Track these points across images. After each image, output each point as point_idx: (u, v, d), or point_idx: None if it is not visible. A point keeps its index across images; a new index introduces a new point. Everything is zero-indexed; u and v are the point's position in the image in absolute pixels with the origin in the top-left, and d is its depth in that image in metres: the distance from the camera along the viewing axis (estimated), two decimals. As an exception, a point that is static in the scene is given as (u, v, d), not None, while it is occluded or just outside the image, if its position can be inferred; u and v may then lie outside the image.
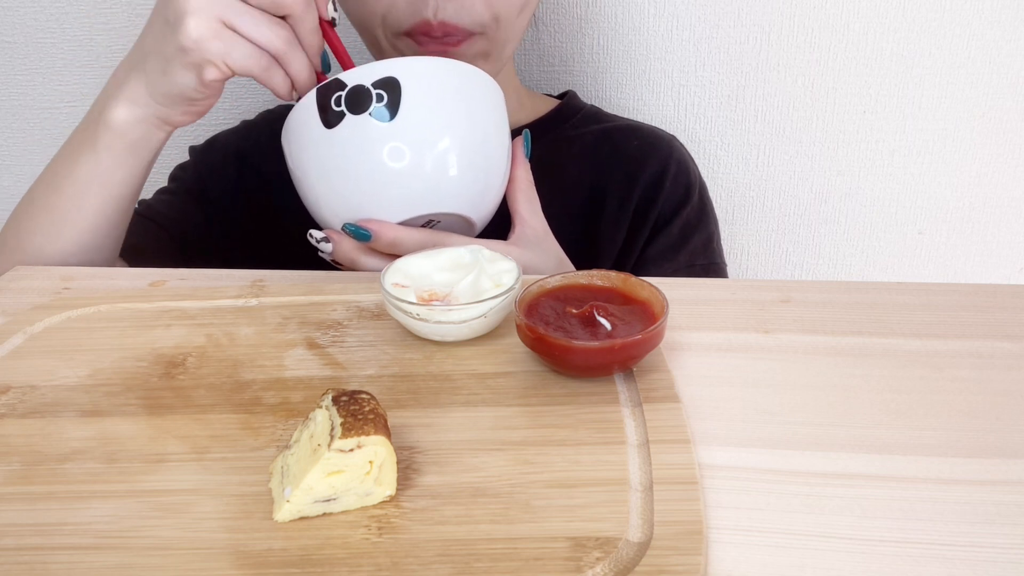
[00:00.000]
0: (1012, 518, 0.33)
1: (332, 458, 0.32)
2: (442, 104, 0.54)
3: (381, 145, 0.52)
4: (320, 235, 0.55)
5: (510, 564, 0.31)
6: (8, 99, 0.94)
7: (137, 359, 0.45)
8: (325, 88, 0.53)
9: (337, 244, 0.54)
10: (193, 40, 0.50)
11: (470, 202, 0.56)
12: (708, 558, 0.32)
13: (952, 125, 0.88)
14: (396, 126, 0.52)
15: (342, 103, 0.52)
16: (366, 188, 0.53)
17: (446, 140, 0.54)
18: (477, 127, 0.55)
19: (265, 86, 0.53)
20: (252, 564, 0.31)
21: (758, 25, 0.85)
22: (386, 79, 0.52)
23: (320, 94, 0.53)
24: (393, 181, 0.52)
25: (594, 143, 0.75)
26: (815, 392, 0.42)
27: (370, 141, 0.52)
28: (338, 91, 0.52)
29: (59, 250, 0.58)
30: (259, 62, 0.51)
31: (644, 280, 0.45)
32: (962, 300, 0.50)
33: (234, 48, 0.51)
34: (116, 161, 0.57)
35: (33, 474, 0.37)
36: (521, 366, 0.44)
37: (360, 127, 0.52)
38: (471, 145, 0.55)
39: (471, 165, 0.55)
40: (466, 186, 0.55)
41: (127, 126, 0.56)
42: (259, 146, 0.76)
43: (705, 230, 0.74)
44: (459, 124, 0.54)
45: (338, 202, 0.54)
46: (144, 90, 0.54)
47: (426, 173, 0.53)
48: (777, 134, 0.90)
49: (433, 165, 0.53)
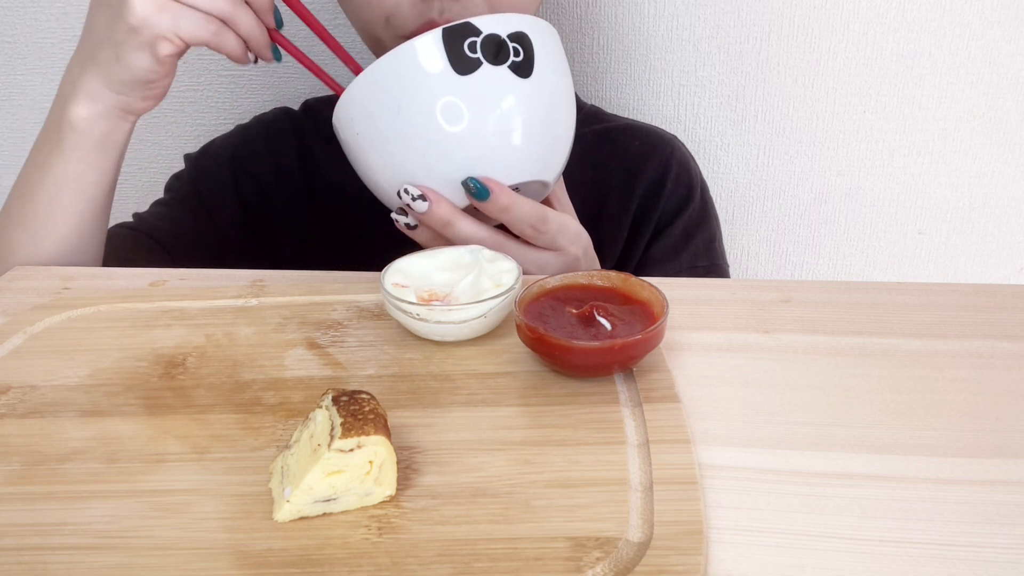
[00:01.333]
0: (1012, 518, 0.33)
1: (332, 458, 0.32)
2: (561, 67, 0.52)
3: (515, 102, 0.49)
4: (417, 191, 0.51)
5: (510, 564, 0.31)
6: (8, 99, 0.94)
7: (137, 359, 0.45)
8: (454, 30, 0.48)
9: (435, 204, 0.51)
10: (140, 18, 0.50)
11: (558, 169, 0.55)
12: (708, 558, 0.32)
13: (952, 125, 0.88)
14: (531, 85, 0.49)
15: (477, 49, 0.48)
16: (488, 145, 0.49)
17: (562, 106, 0.52)
18: (571, 90, 0.54)
19: (219, 52, 0.53)
20: (252, 564, 0.31)
21: (758, 25, 0.85)
22: (519, 33, 0.49)
23: (448, 36, 0.48)
24: (515, 143, 0.50)
25: (595, 143, 0.75)
26: (815, 392, 0.42)
27: (505, 96, 0.49)
28: (472, 36, 0.48)
29: (43, 259, 0.58)
30: (208, 27, 0.51)
31: (644, 280, 0.45)
32: (962, 300, 0.50)
33: (181, 18, 0.50)
34: (85, 162, 0.57)
35: (33, 474, 0.37)
36: (521, 366, 0.44)
37: (497, 80, 0.48)
38: (570, 110, 0.54)
39: (568, 132, 0.53)
40: (563, 153, 0.54)
41: (89, 123, 0.55)
42: (254, 150, 0.76)
43: (707, 230, 0.74)
44: (567, 90, 0.53)
45: (452, 153, 0.50)
46: (100, 82, 0.54)
47: (543, 139, 0.51)
48: (777, 134, 0.90)
49: (550, 131, 0.52)
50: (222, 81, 0.90)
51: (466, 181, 0.50)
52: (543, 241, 0.53)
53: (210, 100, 0.92)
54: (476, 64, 0.48)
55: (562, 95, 0.53)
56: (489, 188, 0.50)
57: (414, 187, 0.51)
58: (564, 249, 0.54)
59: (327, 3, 0.89)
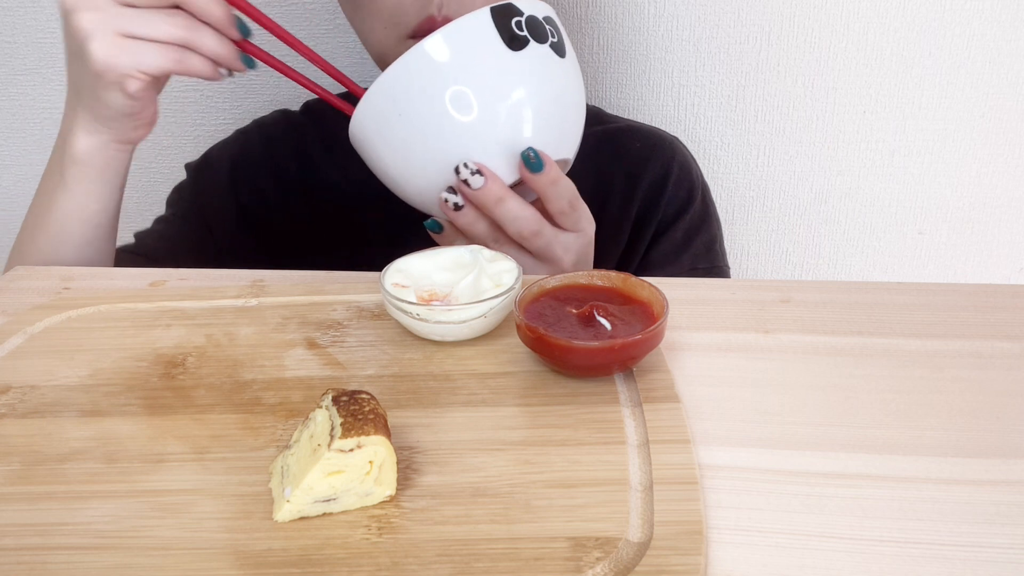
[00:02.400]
0: (1012, 518, 0.33)
1: (332, 458, 0.32)
2: (573, 54, 0.55)
3: (558, 79, 0.52)
4: (475, 166, 0.52)
5: (510, 564, 0.31)
6: (8, 99, 0.94)
7: (137, 359, 0.45)
8: (502, 9, 0.51)
9: (490, 180, 0.52)
10: (102, 63, 0.51)
11: (576, 146, 0.58)
12: (708, 558, 0.32)
13: (952, 125, 0.88)
14: (567, 64, 0.53)
15: (523, 28, 0.51)
16: (536, 120, 0.52)
17: (582, 87, 0.56)
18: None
19: (188, 76, 0.53)
20: (252, 564, 0.31)
21: (758, 25, 0.85)
22: (548, 18, 0.52)
23: (497, 14, 0.51)
24: (556, 120, 0.53)
25: (596, 145, 0.75)
26: (815, 392, 0.42)
27: (550, 73, 0.51)
28: (517, 16, 0.51)
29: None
30: (169, 56, 0.52)
31: (644, 280, 0.45)
32: (962, 300, 0.50)
33: (141, 55, 0.51)
34: (89, 193, 0.59)
35: (33, 474, 0.37)
36: (521, 366, 0.44)
37: (542, 58, 0.51)
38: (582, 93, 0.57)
39: (582, 112, 0.57)
40: (580, 131, 0.57)
41: (90, 155, 0.57)
42: (252, 157, 0.76)
43: (708, 232, 0.74)
44: (578, 72, 0.56)
45: (503, 126, 0.52)
46: (91, 118, 0.56)
47: (578, 116, 0.55)
48: (777, 134, 0.90)
49: (580, 110, 0.55)
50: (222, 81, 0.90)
51: (527, 151, 0.51)
52: (571, 221, 0.55)
53: (210, 101, 0.92)
54: (525, 42, 0.50)
55: (578, 75, 0.57)
56: (544, 160, 0.52)
57: (472, 163, 0.52)
58: (584, 230, 0.56)
59: (313, 14, 0.89)
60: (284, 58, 0.57)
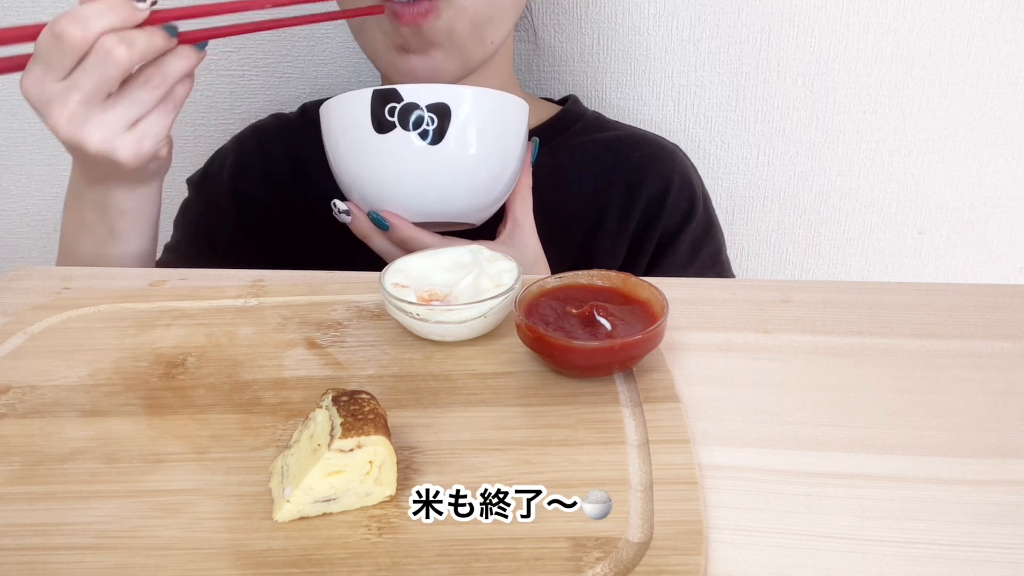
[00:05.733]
0: (1012, 518, 0.33)
1: (332, 458, 0.32)
2: (483, 138, 0.58)
3: (418, 163, 0.56)
4: (344, 206, 0.59)
5: (510, 564, 0.31)
6: (8, 99, 0.94)
7: (137, 359, 0.46)
8: (382, 94, 0.56)
9: (356, 219, 0.59)
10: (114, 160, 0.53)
11: (481, 214, 0.62)
12: (708, 558, 0.32)
13: (952, 125, 0.88)
14: (437, 150, 0.56)
15: (395, 115, 0.56)
16: (396, 191, 0.58)
17: (480, 170, 0.59)
18: (508, 155, 0.60)
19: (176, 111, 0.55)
20: (252, 564, 0.31)
21: (758, 25, 0.85)
22: (439, 104, 0.56)
23: (376, 98, 0.56)
24: (421, 192, 0.58)
25: (596, 153, 0.74)
26: (815, 392, 0.42)
27: (410, 157, 0.56)
28: (393, 102, 0.56)
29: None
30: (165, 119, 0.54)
31: (644, 280, 0.45)
32: (962, 300, 0.50)
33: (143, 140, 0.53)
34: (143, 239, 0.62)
35: (33, 474, 0.37)
36: (521, 366, 0.44)
37: (405, 143, 0.56)
38: (497, 172, 0.59)
39: (492, 188, 0.60)
40: (483, 203, 0.61)
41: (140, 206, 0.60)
42: (249, 164, 0.76)
43: (713, 244, 0.73)
44: (493, 155, 0.59)
45: (367, 190, 0.59)
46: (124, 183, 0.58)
47: (452, 192, 0.59)
48: (777, 134, 0.90)
49: (463, 189, 0.59)
50: (222, 82, 0.90)
51: (370, 213, 0.59)
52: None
53: (210, 101, 0.92)
54: (391, 127, 0.56)
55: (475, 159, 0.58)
56: (389, 223, 0.58)
57: (342, 202, 0.60)
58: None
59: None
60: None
